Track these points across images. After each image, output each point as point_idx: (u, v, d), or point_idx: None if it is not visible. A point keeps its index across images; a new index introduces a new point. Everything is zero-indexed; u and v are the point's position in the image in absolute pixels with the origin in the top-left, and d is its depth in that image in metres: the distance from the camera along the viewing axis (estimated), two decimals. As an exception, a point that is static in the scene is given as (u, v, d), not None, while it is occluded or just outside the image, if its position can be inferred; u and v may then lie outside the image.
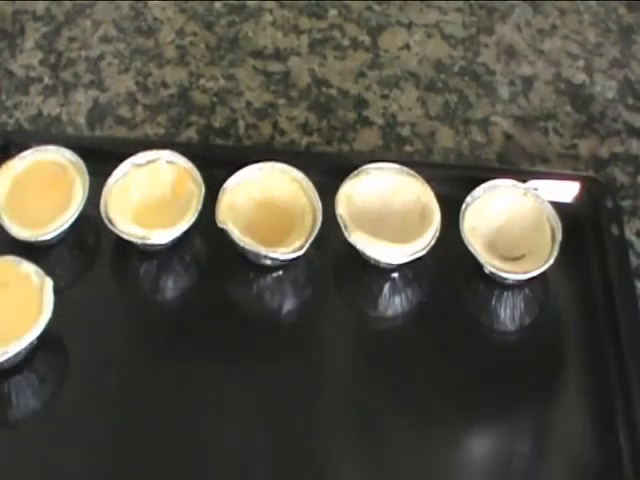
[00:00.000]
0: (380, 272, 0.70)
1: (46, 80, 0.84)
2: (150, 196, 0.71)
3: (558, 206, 0.70)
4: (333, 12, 0.90)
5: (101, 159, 0.72)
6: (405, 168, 0.71)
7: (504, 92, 0.83)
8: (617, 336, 0.67)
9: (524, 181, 0.72)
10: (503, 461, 0.63)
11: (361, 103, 0.82)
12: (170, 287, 0.70)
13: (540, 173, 0.75)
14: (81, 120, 0.81)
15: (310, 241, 0.68)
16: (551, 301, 0.70)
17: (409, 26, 0.88)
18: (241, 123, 0.81)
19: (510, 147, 0.79)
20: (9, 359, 0.62)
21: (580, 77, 0.85)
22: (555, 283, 0.69)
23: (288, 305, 0.70)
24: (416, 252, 0.68)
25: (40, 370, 0.65)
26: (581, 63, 0.86)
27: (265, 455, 0.62)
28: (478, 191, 0.71)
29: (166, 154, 0.72)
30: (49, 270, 0.66)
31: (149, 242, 0.68)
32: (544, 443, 0.63)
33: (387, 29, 0.88)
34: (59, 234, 0.69)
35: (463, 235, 0.68)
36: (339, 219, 0.69)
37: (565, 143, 0.80)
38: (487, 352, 0.68)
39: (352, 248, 0.68)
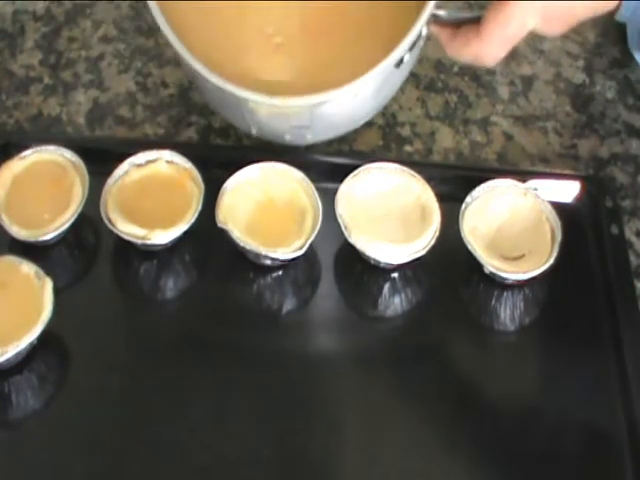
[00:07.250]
0: (380, 272, 0.70)
1: (46, 80, 0.84)
2: (150, 196, 0.71)
3: (558, 206, 0.70)
4: (333, 12, 0.90)
5: (101, 159, 0.72)
6: (405, 168, 0.71)
7: (504, 92, 0.83)
8: (617, 336, 0.67)
9: (524, 181, 0.72)
10: (504, 461, 0.63)
11: (361, 103, 0.82)
12: (170, 287, 0.70)
13: (540, 173, 0.75)
14: (81, 120, 0.81)
15: (310, 241, 0.68)
16: (551, 301, 0.70)
17: (409, 26, 0.88)
18: (241, 123, 0.80)
19: (510, 147, 0.79)
20: (9, 359, 0.62)
21: (580, 77, 0.85)
22: (555, 283, 0.69)
23: (288, 305, 0.70)
24: (416, 252, 0.68)
25: (40, 370, 0.65)
26: (581, 63, 0.86)
27: (265, 455, 0.62)
28: (478, 191, 0.71)
29: (166, 154, 0.72)
30: (49, 270, 0.66)
31: (149, 242, 0.68)
32: (544, 442, 0.63)
33: (387, 29, 0.88)
34: (59, 234, 0.69)
35: (463, 235, 0.68)
36: (339, 219, 0.69)
37: (565, 143, 0.80)
38: (487, 352, 0.68)
39: (352, 248, 0.68)
